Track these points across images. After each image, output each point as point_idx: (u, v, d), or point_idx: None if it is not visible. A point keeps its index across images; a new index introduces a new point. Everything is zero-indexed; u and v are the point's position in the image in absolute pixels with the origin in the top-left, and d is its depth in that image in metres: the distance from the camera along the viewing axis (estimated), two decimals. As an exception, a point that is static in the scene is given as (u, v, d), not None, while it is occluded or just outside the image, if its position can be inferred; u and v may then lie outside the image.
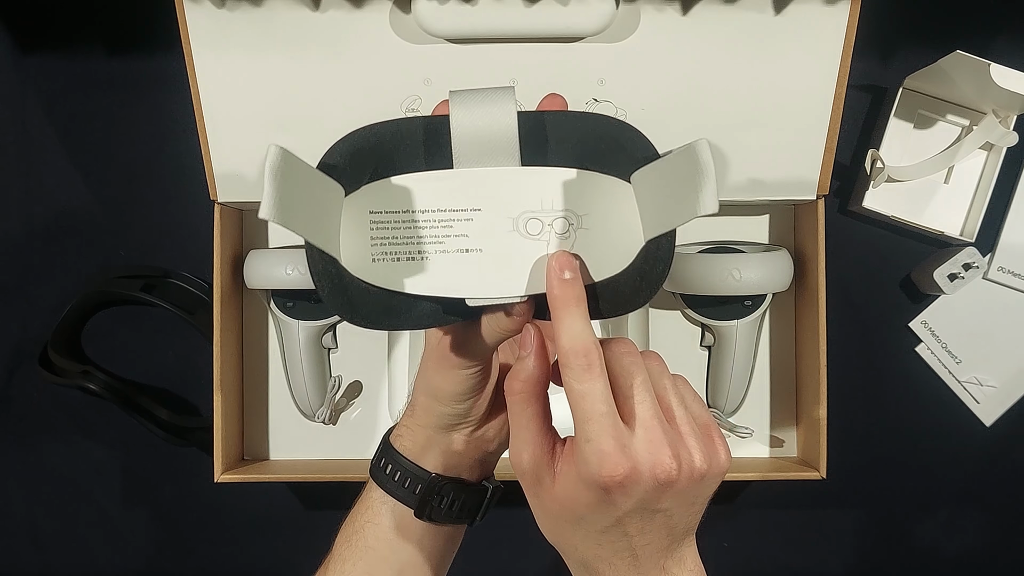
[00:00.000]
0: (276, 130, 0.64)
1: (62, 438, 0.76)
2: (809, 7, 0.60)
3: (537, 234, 0.37)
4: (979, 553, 0.76)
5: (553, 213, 0.37)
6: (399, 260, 0.37)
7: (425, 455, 0.46)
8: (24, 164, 0.75)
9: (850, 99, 0.64)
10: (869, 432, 0.75)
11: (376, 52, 0.62)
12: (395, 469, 0.46)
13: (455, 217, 0.37)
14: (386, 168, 0.37)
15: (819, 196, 0.67)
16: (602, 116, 0.37)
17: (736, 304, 0.69)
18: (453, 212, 0.37)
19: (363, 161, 0.36)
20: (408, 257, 0.37)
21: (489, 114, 0.35)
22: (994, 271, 0.74)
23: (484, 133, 0.35)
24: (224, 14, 0.60)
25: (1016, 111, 0.69)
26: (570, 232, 0.37)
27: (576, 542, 0.38)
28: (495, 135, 0.36)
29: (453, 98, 0.36)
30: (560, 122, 0.37)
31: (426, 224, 0.37)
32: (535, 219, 0.37)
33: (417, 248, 0.37)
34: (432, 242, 0.37)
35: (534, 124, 0.37)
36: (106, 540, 0.76)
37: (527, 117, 0.36)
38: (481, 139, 0.36)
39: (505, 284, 0.37)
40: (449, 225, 0.37)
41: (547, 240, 0.37)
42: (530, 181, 0.37)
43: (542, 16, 0.59)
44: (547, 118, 0.37)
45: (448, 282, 0.37)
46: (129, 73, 0.74)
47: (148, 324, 0.75)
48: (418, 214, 0.37)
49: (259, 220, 0.73)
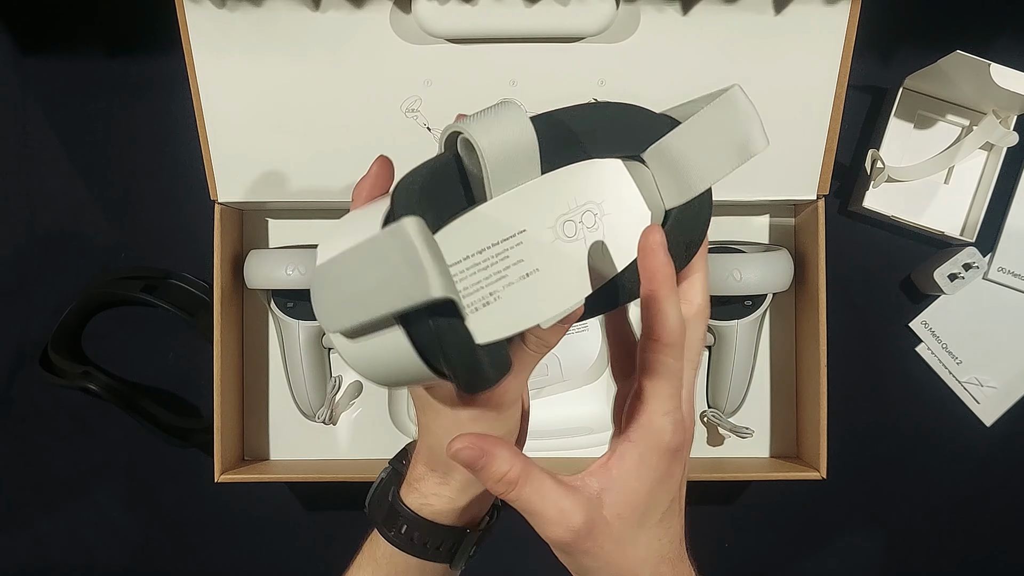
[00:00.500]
0: (276, 130, 0.64)
1: (63, 439, 0.76)
2: (809, 7, 0.60)
3: (574, 235, 0.37)
4: (979, 553, 0.76)
5: (580, 210, 0.37)
6: (477, 310, 0.34)
7: (462, 516, 0.43)
8: (25, 165, 0.75)
9: (850, 99, 0.64)
10: (869, 432, 0.75)
11: (376, 52, 0.62)
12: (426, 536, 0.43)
13: (508, 246, 0.36)
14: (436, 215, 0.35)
15: (819, 196, 0.67)
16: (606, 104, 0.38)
17: (736, 304, 0.69)
18: (504, 241, 0.36)
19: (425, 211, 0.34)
20: (484, 303, 0.35)
21: (511, 133, 0.35)
22: (994, 271, 0.74)
23: (511, 153, 0.35)
24: (224, 14, 0.60)
25: (1016, 111, 0.69)
26: (597, 222, 0.38)
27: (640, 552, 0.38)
28: (521, 150, 0.35)
29: (472, 126, 0.34)
30: (569, 119, 0.37)
31: (486, 263, 0.35)
32: (569, 221, 0.37)
33: (488, 291, 0.35)
34: (497, 279, 0.35)
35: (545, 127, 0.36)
36: (106, 540, 0.76)
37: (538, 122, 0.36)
38: (509, 156, 0.35)
39: (564, 294, 0.37)
40: (505, 256, 0.36)
41: (583, 238, 0.37)
42: (553, 186, 0.37)
43: (542, 16, 0.59)
44: (557, 116, 0.37)
45: (524, 312, 0.36)
46: (129, 74, 0.74)
47: (149, 325, 0.75)
48: (476, 256, 0.35)
49: (259, 220, 0.74)
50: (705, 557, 0.43)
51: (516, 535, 0.71)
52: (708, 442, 0.73)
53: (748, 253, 0.68)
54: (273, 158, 0.66)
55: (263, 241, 0.74)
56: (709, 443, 0.73)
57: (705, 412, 0.72)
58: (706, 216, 0.40)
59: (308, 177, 0.66)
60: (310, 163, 0.66)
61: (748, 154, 0.36)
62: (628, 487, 0.37)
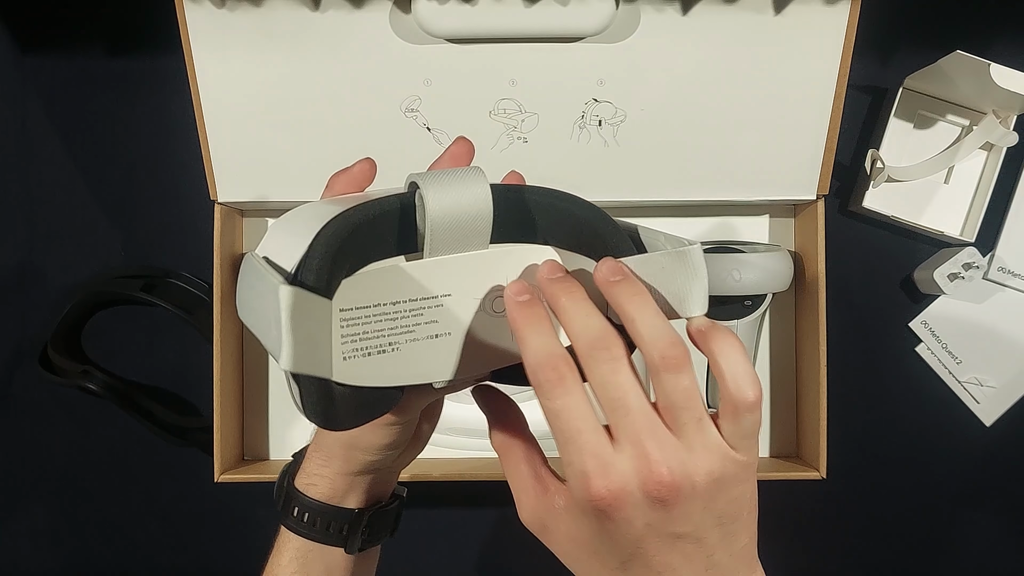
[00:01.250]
0: (276, 129, 0.64)
1: (62, 438, 0.76)
2: (809, 7, 0.60)
3: (502, 312, 0.37)
4: (979, 553, 0.76)
5: None
6: (370, 355, 0.35)
7: (347, 498, 0.45)
8: (24, 163, 0.75)
9: (850, 99, 0.64)
10: (869, 432, 0.75)
11: (376, 52, 0.62)
12: (315, 517, 0.45)
13: (425, 305, 0.36)
14: (359, 258, 0.34)
15: (819, 196, 0.67)
16: (576, 199, 0.37)
17: (736, 304, 0.69)
18: (424, 300, 0.36)
19: (343, 260, 0.33)
20: (379, 350, 0.35)
21: (464, 200, 0.34)
22: (994, 271, 0.74)
23: (461, 221, 0.34)
24: (224, 14, 0.60)
25: (1016, 111, 0.69)
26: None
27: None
28: (470, 222, 0.34)
29: (425, 184, 0.34)
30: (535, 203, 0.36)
31: (397, 315, 0.36)
32: (500, 298, 0.37)
33: (388, 340, 0.35)
34: (403, 332, 0.36)
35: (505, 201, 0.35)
36: (106, 540, 0.76)
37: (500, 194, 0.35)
38: (455, 226, 0.34)
39: (471, 362, 0.37)
40: (420, 313, 0.36)
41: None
42: (499, 260, 0.36)
43: (542, 16, 0.59)
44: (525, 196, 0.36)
45: (419, 369, 0.36)
46: (129, 72, 0.74)
47: (148, 324, 0.75)
48: (388, 306, 0.35)
49: (259, 220, 0.74)
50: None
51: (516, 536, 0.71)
52: (708, 442, 0.73)
53: (748, 253, 0.68)
54: (273, 158, 0.65)
55: (263, 241, 0.73)
56: (709, 443, 0.73)
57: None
58: None
59: (308, 176, 0.66)
60: (310, 162, 0.66)
61: (681, 312, 0.35)
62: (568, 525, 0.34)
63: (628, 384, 0.31)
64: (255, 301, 0.33)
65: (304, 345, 0.30)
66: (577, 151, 0.65)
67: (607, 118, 0.64)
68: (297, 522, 0.45)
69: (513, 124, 0.64)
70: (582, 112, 0.63)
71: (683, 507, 0.31)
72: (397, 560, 0.55)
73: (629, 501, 0.31)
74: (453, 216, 0.34)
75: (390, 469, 0.47)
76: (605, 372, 0.31)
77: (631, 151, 0.65)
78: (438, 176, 0.34)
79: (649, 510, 0.31)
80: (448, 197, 0.34)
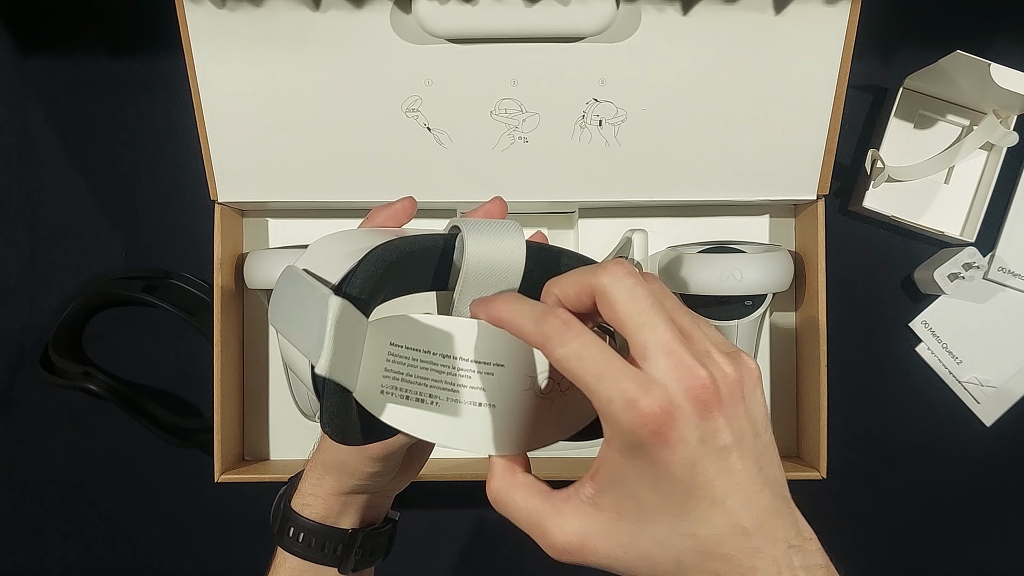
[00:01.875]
0: (276, 130, 0.64)
1: (63, 439, 0.76)
2: (809, 7, 0.60)
3: (548, 392, 0.37)
4: (980, 553, 0.76)
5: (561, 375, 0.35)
6: (408, 399, 0.35)
7: (341, 518, 0.47)
8: (25, 165, 0.75)
9: (850, 99, 0.64)
10: (869, 432, 0.75)
11: (376, 52, 0.62)
12: (310, 536, 0.46)
13: (478, 370, 0.36)
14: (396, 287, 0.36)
15: (819, 196, 0.67)
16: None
17: (736, 304, 0.69)
18: (478, 364, 0.36)
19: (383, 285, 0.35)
20: (418, 399, 0.35)
21: (502, 250, 0.36)
22: (994, 271, 0.74)
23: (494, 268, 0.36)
24: (224, 14, 0.60)
25: (1016, 111, 0.69)
26: (571, 388, 0.36)
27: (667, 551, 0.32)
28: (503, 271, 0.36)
29: (468, 229, 0.36)
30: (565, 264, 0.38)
31: (445, 370, 0.35)
32: (550, 379, 0.36)
33: (429, 392, 0.35)
34: (447, 389, 0.35)
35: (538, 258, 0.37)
36: (106, 540, 0.76)
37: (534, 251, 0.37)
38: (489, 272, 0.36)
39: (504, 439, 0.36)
40: (469, 376, 0.36)
41: (553, 398, 0.37)
42: None
43: (543, 16, 0.59)
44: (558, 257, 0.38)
45: (451, 432, 0.36)
46: (130, 74, 0.74)
47: (149, 325, 0.75)
48: (439, 358, 0.35)
49: (259, 220, 0.74)
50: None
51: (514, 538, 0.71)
52: (708, 442, 0.73)
53: (748, 253, 0.68)
54: (273, 158, 0.66)
55: (263, 241, 0.74)
56: (709, 443, 0.73)
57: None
58: None
59: (308, 177, 0.66)
60: (310, 163, 0.66)
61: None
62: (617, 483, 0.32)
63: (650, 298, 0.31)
64: (295, 309, 0.34)
65: (341, 355, 0.31)
66: (578, 151, 0.65)
67: (608, 118, 0.64)
68: (293, 542, 0.46)
69: (514, 124, 0.64)
70: (583, 112, 0.63)
71: (727, 411, 0.31)
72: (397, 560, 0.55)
73: (680, 416, 0.30)
74: (489, 263, 0.36)
75: (382, 493, 0.48)
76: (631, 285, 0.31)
77: (632, 151, 0.65)
78: (480, 224, 0.36)
79: (700, 421, 0.30)
80: (487, 244, 0.36)
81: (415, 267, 0.36)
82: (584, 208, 0.72)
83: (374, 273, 0.34)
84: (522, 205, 0.70)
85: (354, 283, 0.33)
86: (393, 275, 0.35)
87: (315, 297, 0.32)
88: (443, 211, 0.72)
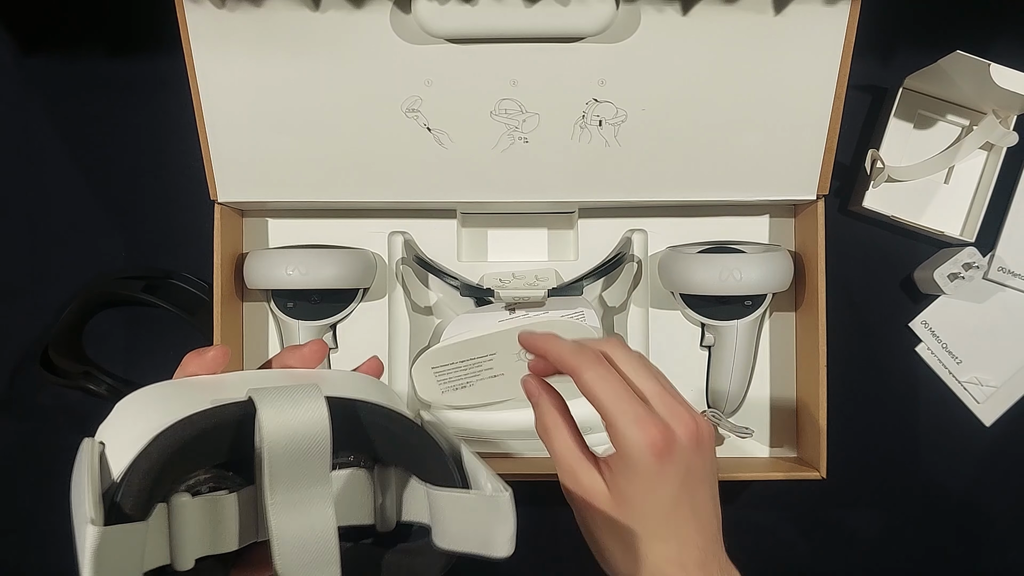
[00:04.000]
0: (276, 130, 0.64)
1: (63, 439, 0.76)
2: (809, 7, 0.60)
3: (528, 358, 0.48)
4: (979, 553, 0.76)
5: None
6: (456, 388, 0.68)
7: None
8: (26, 165, 0.75)
9: (850, 99, 0.64)
10: (869, 432, 0.75)
11: (376, 52, 0.62)
12: None
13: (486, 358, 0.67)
14: (189, 468, 0.35)
15: (819, 196, 0.67)
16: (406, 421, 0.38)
17: (736, 304, 0.69)
18: (483, 357, 0.66)
19: (167, 476, 0.33)
20: (462, 386, 0.68)
21: (302, 419, 0.34)
22: (994, 271, 0.74)
23: (298, 443, 0.34)
24: (224, 14, 0.61)
25: (1016, 111, 0.69)
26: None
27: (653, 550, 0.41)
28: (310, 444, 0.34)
29: (261, 399, 0.34)
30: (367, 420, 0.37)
31: (468, 366, 0.67)
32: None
33: (466, 380, 0.67)
34: (474, 375, 0.67)
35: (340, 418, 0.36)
36: (107, 540, 0.76)
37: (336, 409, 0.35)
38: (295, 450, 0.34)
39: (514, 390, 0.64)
40: (481, 364, 0.67)
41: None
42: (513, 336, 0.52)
43: (542, 16, 0.59)
44: (357, 412, 0.37)
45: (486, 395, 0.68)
46: (130, 74, 0.74)
47: (149, 325, 0.75)
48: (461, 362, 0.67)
49: (259, 220, 0.74)
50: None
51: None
52: (708, 442, 0.73)
53: (748, 253, 0.68)
54: (273, 158, 0.66)
55: (263, 241, 0.74)
56: (709, 443, 0.73)
57: (705, 412, 0.72)
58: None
59: (308, 177, 0.66)
60: (310, 163, 0.66)
61: (485, 551, 0.36)
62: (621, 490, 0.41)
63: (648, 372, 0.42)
64: (75, 500, 0.33)
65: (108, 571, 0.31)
66: (578, 151, 0.65)
67: (608, 118, 0.64)
68: None
69: (514, 124, 0.64)
70: (583, 112, 0.63)
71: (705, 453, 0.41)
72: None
73: (678, 443, 0.40)
74: (289, 438, 0.33)
75: None
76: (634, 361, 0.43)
77: (632, 151, 0.65)
78: (273, 394, 0.34)
79: (692, 453, 0.40)
80: (284, 416, 0.33)
81: (210, 446, 0.34)
82: (584, 208, 0.72)
83: (151, 472, 0.32)
84: (522, 205, 0.70)
85: (129, 491, 0.32)
86: (184, 460, 0.33)
87: (82, 512, 0.31)
88: (443, 211, 0.72)
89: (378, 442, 0.38)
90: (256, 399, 0.33)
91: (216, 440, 0.34)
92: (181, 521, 0.35)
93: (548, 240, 0.74)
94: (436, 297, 0.74)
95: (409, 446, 0.38)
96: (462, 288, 0.67)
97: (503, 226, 0.74)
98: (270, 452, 0.33)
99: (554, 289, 0.67)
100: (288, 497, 0.34)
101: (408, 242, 0.72)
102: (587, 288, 0.69)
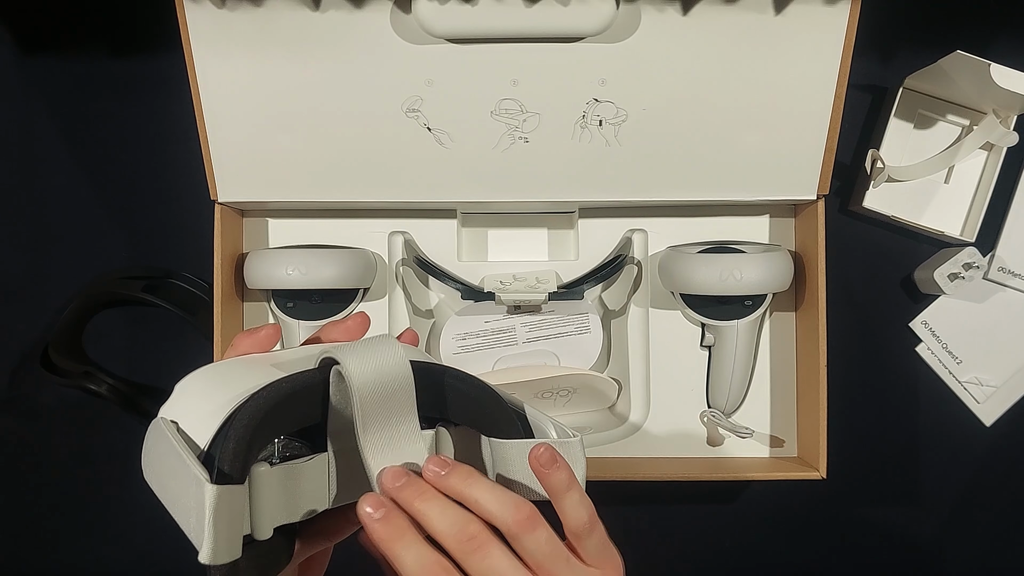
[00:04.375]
0: (276, 130, 0.64)
1: (63, 439, 0.76)
2: (809, 7, 0.60)
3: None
4: (979, 553, 0.76)
5: None
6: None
7: None
8: (26, 165, 0.75)
9: (850, 99, 0.64)
10: (869, 432, 0.75)
11: (377, 52, 0.62)
12: None
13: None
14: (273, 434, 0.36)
15: (819, 196, 0.67)
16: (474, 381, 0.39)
17: (736, 304, 0.69)
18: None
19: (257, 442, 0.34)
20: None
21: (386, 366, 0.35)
22: (994, 271, 0.74)
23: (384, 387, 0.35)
24: (224, 14, 0.60)
25: (1016, 111, 0.69)
26: None
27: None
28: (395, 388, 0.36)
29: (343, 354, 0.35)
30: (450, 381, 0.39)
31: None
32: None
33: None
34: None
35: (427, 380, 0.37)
36: (107, 540, 0.76)
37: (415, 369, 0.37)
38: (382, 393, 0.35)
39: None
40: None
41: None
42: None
43: (543, 16, 0.59)
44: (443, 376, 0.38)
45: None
46: (130, 74, 0.74)
47: (150, 324, 0.75)
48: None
49: (259, 220, 0.74)
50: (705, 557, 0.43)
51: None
52: (708, 442, 0.73)
53: (748, 253, 0.68)
54: (273, 158, 0.66)
55: (263, 241, 0.74)
56: (709, 443, 0.73)
57: (705, 412, 0.72)
58: None
59: (308, 177, 0.66)
60: (311, 163, 0.66)
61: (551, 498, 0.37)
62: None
63: (503, 565, 0.35)
64: (168, 476, 0.34)
65: (224, 540, 0.31)
66: (578, 151, 0.65)
67: (608, 118, 0.64)
68: None
69: (515, 124, 0.64)
70: (583, 112, 0.63)
71: None
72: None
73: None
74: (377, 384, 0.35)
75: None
76: (477, 562, 0.35)
77: (632, 151, 0.65)
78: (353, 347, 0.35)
79: None
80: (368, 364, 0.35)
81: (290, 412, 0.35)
82: (584, 208, 0.72)
83: (244, 437, 0.33)
84: (522, 205, 0.70)
85: (225, 456, 0.32)
86: (267, 427, 0.34)
87: (189, 478, 0.32)
88: (443, 211, 0.72)
89: (450, 400, 0.39)
90: (336, 355, 0.35)
91: (293, 407, 0.35)
92: (261, 490, 0.35)
93: (548, 240, 0.74)
94: (437, 299, 0.74)
95: (478, 403, 0.39)
96: (463, 291, 0.67)
97: (503, 226, 0.74)
98: (360, 396, 0.35)
99: (555, 292, 0.67)
100: (380, 436, 0.36)
101: (408, 242, 0.72)
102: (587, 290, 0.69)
